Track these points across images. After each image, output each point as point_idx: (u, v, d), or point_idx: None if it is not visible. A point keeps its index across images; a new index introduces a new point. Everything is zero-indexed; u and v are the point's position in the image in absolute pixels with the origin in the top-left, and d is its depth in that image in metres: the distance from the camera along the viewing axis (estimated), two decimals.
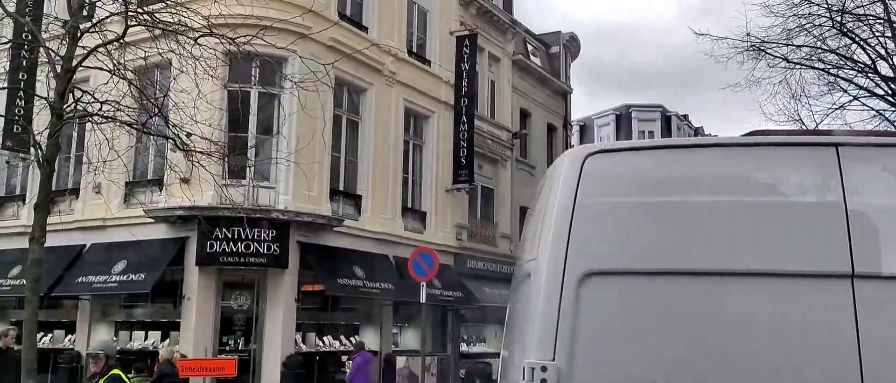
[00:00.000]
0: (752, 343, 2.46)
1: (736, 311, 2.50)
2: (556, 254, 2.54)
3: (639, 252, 2.59)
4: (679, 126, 42.91)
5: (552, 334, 2.45)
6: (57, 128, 10.06)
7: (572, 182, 2.63)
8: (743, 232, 2.57)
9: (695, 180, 2.70)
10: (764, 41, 16.97)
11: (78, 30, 10.25)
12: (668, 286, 2.56)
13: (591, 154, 2.70)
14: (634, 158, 2.79)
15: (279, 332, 16.07)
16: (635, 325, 2.51)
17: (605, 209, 2.62)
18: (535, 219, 3.08)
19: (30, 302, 9.82)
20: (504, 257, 24.22)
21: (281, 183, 16.37)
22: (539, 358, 2.41)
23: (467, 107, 21.80)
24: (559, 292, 2.49)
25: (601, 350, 2.47)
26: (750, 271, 2.52)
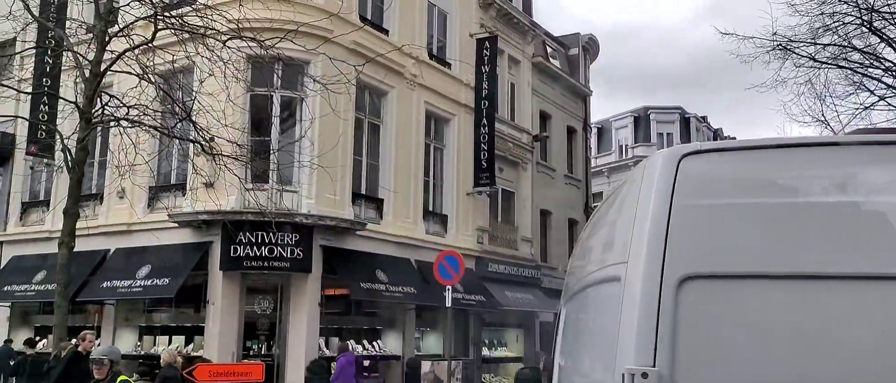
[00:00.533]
0: (860, 348, 2.35)
1: (843, 316, 2.39)
2: (653, 258, 2.44)
3: (740, 255, 2.48)
4: (698, 128, 42.55)
5: (652, 339, 2.37)
6: (86, 132, 10.07)
7: (668, 183, 2.52)
8: (851, 233, 2.45)
9: (799, 180, 2.58)
10: (790, 40, 16.76)
11: (106, 34, 10.25)
12: (771, 290, 2.41)
13: (686, 154, 2.59)
14: (733, 158, 2.68)
15: (303, 337, 16.00)
16: (738, 330, 2.42)
17: (703, 211, 2.52)
18: (619, 222, 2.97)
19: (59, 307, 9.84)
20: (525, 260, 24.08)
21: (304, 187, 16.32)
22: (639, 363, 2.34)
23: (488, 109, 21.69)
24: (657, 296, 2.40)
25: (702, 354, 2.39)
26: (859, 274, 2.40)
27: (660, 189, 2.53)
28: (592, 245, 3.60)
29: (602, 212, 3.60)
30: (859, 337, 2.36)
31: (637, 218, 2.59)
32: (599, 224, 3.55)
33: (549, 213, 26.47)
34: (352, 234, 17.20)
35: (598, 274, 3.11)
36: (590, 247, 3.68)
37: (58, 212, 17.34)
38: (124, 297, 16.28)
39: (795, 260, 2.44)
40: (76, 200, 10.19)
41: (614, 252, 2.88)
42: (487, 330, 22.59)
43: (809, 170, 2.60)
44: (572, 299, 3.97)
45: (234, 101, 12.60)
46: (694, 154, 2.60)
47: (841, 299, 2.41)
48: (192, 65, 12.18)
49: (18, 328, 18.93)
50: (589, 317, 3.40)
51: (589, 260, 3.56)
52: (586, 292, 3.40)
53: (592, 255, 3.50)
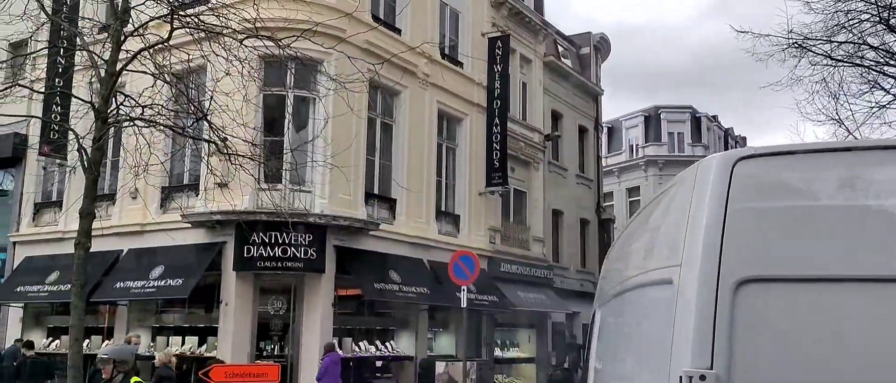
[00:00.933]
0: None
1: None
2: (709, 261, 2.45)
3: (798, 258, 2.47)
4: (709, 127, 42.30)
5: (709, 342, 2.38)
6: (102, 132, 10.01)
7: (722, 187, 2.53)
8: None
9: (856, 183, 2.58)
10: (806, 38, 16.61)
11: (121, 34, 10.19)
12: (830, 293, 2.43)
13: (741, 158, 2.60)
14: (788, 162, 2.66)
15: (316, 337, 15.93)
16: (795, 333, 2.41)
17: (759, 214, 2.52)
18: (667, 225, 2.98)
19: (76, 307, 9.77)
20: (537, 260, 23.96)
21: (317, 186, 16.25)
22: (696, 366, 2.35)
23: (500, 109, 21.59)
24: (714, 299, 2.41)
25: (760, 357, 2.40)
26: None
27: (714, 192, 2.53)
28: (634, 248, 3.60)
29: (644, 217, 3.59)
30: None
31: (690, 221, 2.59)
32: (642, 228, 3.54)
33: (561, 213, 26.35)
34: (365, 234, 17.13)
35: (642, 277, 3.12)
36: (630, 250, 3.69)
37: (71, 213, 17.37)
38: (138, 298, 16.26)
39: (853, 263, 2.43)
40: (92, 200, 10.13)
41: (663, 255, 2.89)
42: (499, 330, 22.49)
43: (866, 172, 2.58)
44: (609, 302, 3.95)
45: (248, 101, 12.57)
46: (748, 158, 2.60)
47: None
48: (205, 64, 12.14)
49: (31, 328, 18.94)
50: (632, 321, 3.40)
51: (630, 263, 3.56)
52: (627, 295, 3.40)
53: (634, 259, 3.51)
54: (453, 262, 14.23)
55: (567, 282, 26.20)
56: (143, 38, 10.39)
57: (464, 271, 13.93)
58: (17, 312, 18.92)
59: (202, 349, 16.30)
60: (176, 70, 11.16)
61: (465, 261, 14.01)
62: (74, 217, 17.50)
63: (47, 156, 18.06)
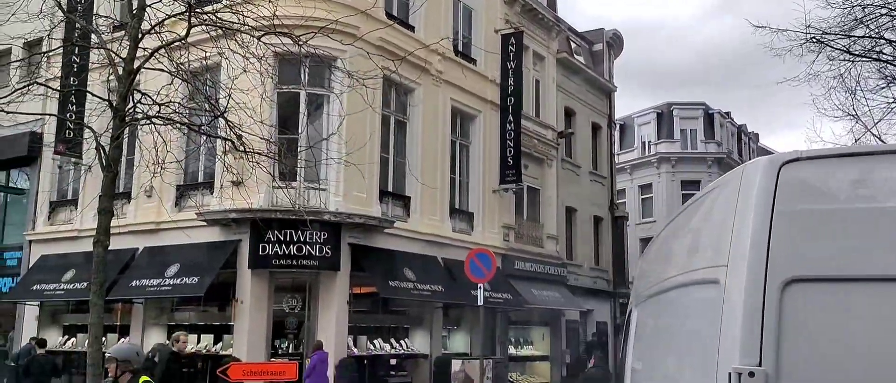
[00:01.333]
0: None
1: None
2: (756, 261, 2.53)
3: (844, 258, 2.54)
4: (722, 124, 42.03)
5: (757, 340, 2.45)
6: (119, 130, 9.99)
7: (769, 189, 2.62)
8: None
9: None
10: (824, 33, 16.44)
11: (139, 31, 10.17)
12: (876, 292, 2.49)
13: (787, 162, 2.68)
14: (833, 165, 2.74)
15: (332, 335, 15.91)
16: (842, 332, 2.47)
17: (806, 216, 2.60)
18: (710, 226, 3.08)
19: (95, 305, 9.75)
20: (551, 258, 23.87)
21: (331, 184, 16.22)
22: (745, 363, 2.44)
23: (514, 106, 21.50)
24: (762, 299, 2.50)
25: (807, 355, 2.47)
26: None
27: (761, 195, 2.61)
28: (674, 249, 3.70)
29: (685, 218, 3.66)
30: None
31: (736, 223, 2.67)
32: (682, 229, 3.62)
33: (575, 211, 26.25)
34: (379, 232, 17.09)
35: (684, 277, 3.20)
36: (670, 250, 3.77)
37: (86, 211, 17.42)
38: (154, 296, 16.28)
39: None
40: (111, 198, 10.10)
41: (707, 256, 2.95)
42: (513, 328, 22.43)
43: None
44: (647, 301, 4.00)
45: (265, 98, 12.53)
46: (794, 161, 2.67)
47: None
48: (220, 62, 12.09)
49: (47, 327, 19.01)
50: (673, 319, 3.48)
51: (670, 263, 3.64)
52: (668, 295, 3.50)
53: (675, 259, 3.60)
54: (469, 260, 14.16)
55: (581, 280, 26.10)
56: (159, 35, 10.38)
57: (480, 269, 13.86)
58: (32, 310, 18.99)
59: (218, 347, 16.32)
60: (192, 68, 11.15)
61: (481, 259, 13.94)
62: (90, 215, 17.62)
63: (63, 154, 18.11)
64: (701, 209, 3.31)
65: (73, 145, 17.40)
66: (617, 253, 29.14)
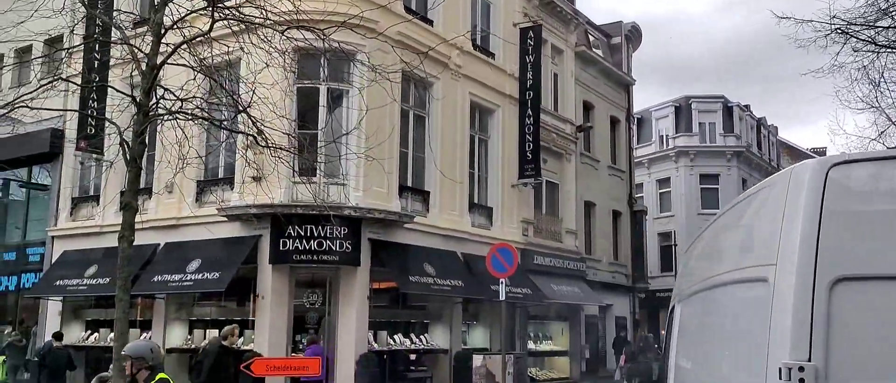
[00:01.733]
0: None
1: None
2: (806, 260, 2.63)
3: (893, 257, 2.62)
4: (741, 117, 41.61)
5: (807, 336, 2.56)
6: (143, 125, 10.00)
7: (817, 190, 2.71)
8: None
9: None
10: (850, 23, 16.21)
11: (162, 26, 10.17)
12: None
13: (835, 164, 2.77)
14: (880, 167, 2.83)
15: (352, 330, 15.91)
16: (891, 328, 2.57)
17: (853, 217, 2.70)
18: (759, 226, 3.20)
19: (121, 300, 9.78)
20: (570, 253, 23.76)
21: (351, 179, 16.17)
22: (795, 358, 2.54)
23: (533, 99, 21.38)
24: (811, 296, 2.59)
25: (855, 351, 2.57)
26: None
27: (809, 195, 2.70)
28: (720, 247, 3.84)
29: (731, 216, 3.77)
30: None
31: (785, 223, 2.76)
32: (729, 227, 3.74)
33: (593, 205, 26.11)
34: (399, 227, 17.05)
35: (732, 275, 3.31)
36: (716, 248, 3.91)
37: (108, 207, 17.53)
38: (175, 291, 16.34)
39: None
40: (135, 194, 10.12)
41: (755, 255, 3.08)
42: (532, 323, 22.35)
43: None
44: (691, 298, 4.12)
45: (287, 93, 12.51)
46: (842, 163, 2.77)
47: None
48: (240, 57, 12.08)
49: (70, 322, 19.13)
50: (720, 316, 3.57)
51: (716, 261, 3.78)
52: (714, 292, 3.62)
53: (721, 257, 3.74)
54: (491, 255, 14.09)
55: (599, 275, 25.97)
56: (181, 31, 10.38)
57: (502, 264, 13.79)
58: (55, 306, 19.13)
59: (239, 342, 16.33)
60: (214, 63, 11.15)
61: (503, 254, 13.86)
62: (112, 211, 17.74)
63: (84, 151, 18.20)
64: (748, 209, 3.41)
65: (95, 142, 17.49)
66: (636, 247, 28.96)
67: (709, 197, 39.59)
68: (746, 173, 41.06)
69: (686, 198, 39.41)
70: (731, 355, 3.28)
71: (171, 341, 16.90)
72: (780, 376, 2.52)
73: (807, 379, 2.49)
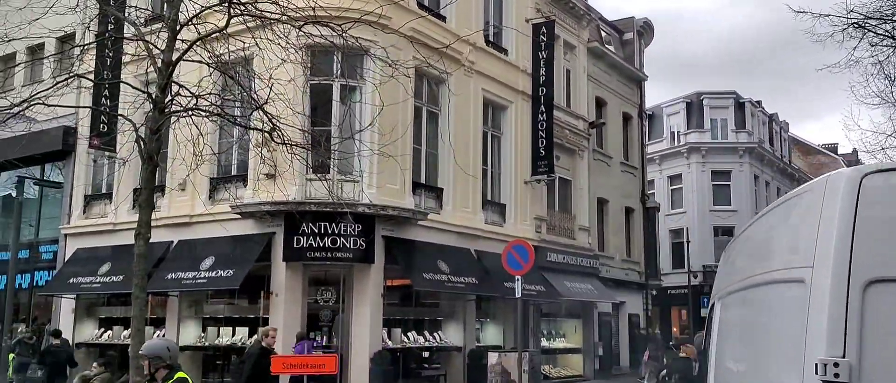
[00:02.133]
0: None
1: None
2: (840, 263, 2.79)
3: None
4: (753, 113, 41.31)
5: (841, 334, 2.71)
6: (159, 122, 9.93)
7: (852, 198, 2.88)
8: None
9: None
10: (867, 17, 16.02)
11: (177, 22, 10.10)
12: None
13: (868, 173, 2.95)
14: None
15: (366, 328, 15.84)
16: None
17: (886, 222, 2.85)
18: (796, 230, 3.40)
19: (137, 298, 9.72)
20: (583, 250, 23.63)
21: (364, 176, 16.09)
22: (830, 354, 2.69)
23: (546, 96, 21.24)
24: (845, 297, 2.75)
25: (888, 348, 2.71)
26: None
27: (845, 203, 2.87)
28: (759, 248, 4.04)
29: (769, 218, 3.97)
30: None
31: (821, 228, 2.94)
32: (767, 229, 3.95)
33: (606, 202, 25.96)
34: (413, 224, 16.97)
35: (770, 275, 3.50)
36: (755, 248, 4.12)
37: (122, 205, 17.52)
38: (189, 289, 16.32)
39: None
40: (151, 191, 10.07)
41: (793, 257, 3.27)
42: (545, 320, 22.24)
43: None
44: (731, 296, 4.31)
45: (296, 91, 12.39)
46: (875, 173, 2.94)
47: None
48: (255, 53, 12.02)
49: (83, 320, 19.16)
50: (759, 314, 3.77)
51: (755, 261, 3.99)
52: (753, 291, 3.83)
53: (760, 257, 3.94)
54: (507, 252, 13.98)
55: (612, 272, 25.82)
56: (196, 27, 10.30)
57: (517, 261, 13.67)
58: (68, 304, 19.13)
59: (252, 340, 16.29)
60: (227, 59, 11.08)
61: (518, 251, 13.75)
62: (125, 209, 17.71)
63: (97, 149, 18.17)
64: (786, 212, 3.62)
65: (108, 139, 17.45)
66: (648, 244, 28.79)
67: (721, 193, 39.36)
68: (758, 170, 40.79)
69: (698, 194, 39.18)
70: (770, 351, 3.44)
71: (185, 339, 16.87)
72: (816, 371, 2.68)
73: (841, 374, 2.64)
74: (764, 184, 41.65)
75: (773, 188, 42.99)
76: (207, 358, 16.97)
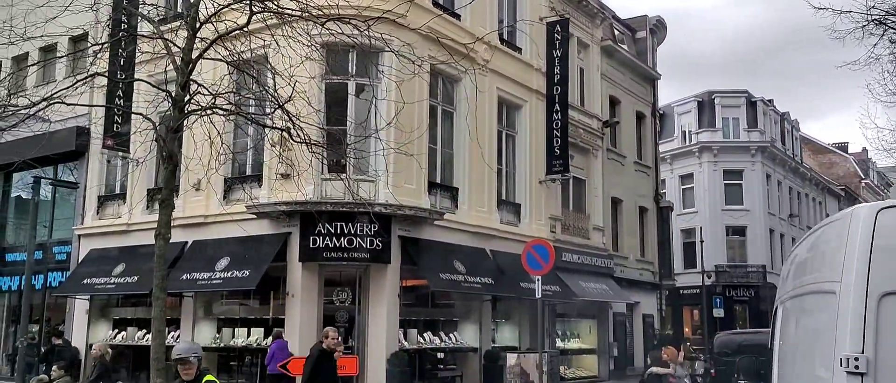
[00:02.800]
0: None
1: None
2: (860, 280, 3.58)
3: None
4: (765, 111, 41.02)
5: (861, 334, 3.49)
6: (179, 121, 9.82)
7: (869, 229, 3.65)
8: None
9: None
10: (888, 14, 15.82)
11: (197, 20, 9.98)
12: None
13: (882, 209, 3.69)
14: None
15: (383, 329, 15.70)
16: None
17: None
18: (829, 252, 4.17)
19: (158, 299, 9.61)
20: (597, 250, 23.45)
21: (381, 176, 15.96)
22: (853, 351, 3.48)
23: (560, 94, 21.07)
24: (864, 306, 3.53)
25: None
26: None
27: (863, 232, 3.65)
28: (806, 263, 4.85)
29: (812, 240, 4.81)
30: None
31: (847, 251, 3.73)
32: (810, 248, 4.81)
33: (620, 201, 25.77)
34: (429, 224, 16.83)
35: (813, 286, 4.29)
36: (803, 263, 4.93)
37: (136, 205, 17.42)
38: (204, 289, 16.21)
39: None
40: (171, 191, 9.96)
41: (827, 273, 4.04)
42: (559, 321, 22.07)
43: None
44: (788, 301, 5.16)
45: (320, 87, 12.28)
46: (888, 208, 3.69)
47: None
48: (272, 51, 11.91)
49: (97, 321, 19.08)
50: (805, 316, 4.63)
51: (804, 274, 4.78)
52: (802, 298, 4.64)
53: (805, 272, 4.76)
54: (526, 252, 13.80)
55: (627, 272, 25.64)
56: (214, 25, 10.18)
57: (538, 261, 13.50)
58: (82, 305, 19.05)
59: (268, 341, 16.17)
60: (246, 58, 10.96)
61: (538, 251, 13.57)
62: (139, 209, 17.61)
63: (111, 149, 18.10)
64: (822, 236, 4.46)
65: (122, 140, 17.37)
66: (662, 244, 28.58)
67: (733, 193, 39.11)
68: (771, 169, 40.52)
69: (709, 194, 38.95)
70: (812, 346, 4.27)
71: (199, 339, 16.72)
72: (840, 364, 3.48)
73: (861, 366, 3.43)
74: (776, 183, 41.37)
75: (784, 187, 42.71)
76: (222, 359, 16.84)
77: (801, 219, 44.26)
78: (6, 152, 17.06)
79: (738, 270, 38.07)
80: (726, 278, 37.69)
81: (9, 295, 21.94)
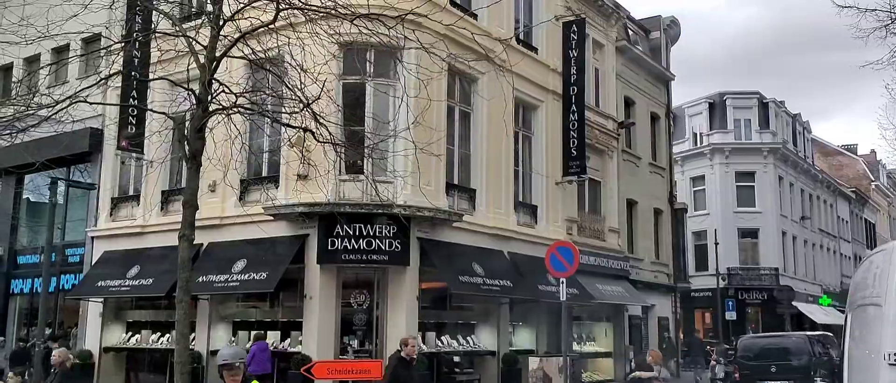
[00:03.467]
0: None
1: None
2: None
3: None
4: (777, 113, 40.75)
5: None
6: (203, 120, 9.64)
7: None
8: None
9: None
10: None
11: (220, 18, 9.81)
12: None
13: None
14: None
15: (401, 332, 15.40)
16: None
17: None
18: (879, 275, 5.48)
19: (181, 301, 9.45)
20: (614, 252, 23.22)
21: (399, 177, 15.74)
22: (894, 349, 4.81)
23: (577, 95, 20.86)
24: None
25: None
26: None
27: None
28: (862, 281, 6.18)
29: (867, 262, 6.30)
30: None
31: (890, 274, 5.10)
32: (865, 269, 6.19)
33: (635, 203, 25.54)
34: (447, 226, 16.62)
35: (869, 300, 5.58)
36: (862, 280, 6.20)
37: (150, 207, 17.24)
38: (221, 292, 16.02)
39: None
40: (195, 191, 9.77)
41: (876, 290, 5.39)
42: (575, 324, 21.81)
43: None
44: (853, 311, 6.49)
45: (331, 89, 12.02)
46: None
47: None
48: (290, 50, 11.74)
49: (111, 323, 18.89)
50: (864, 323, 5.82)
51: (861, 289, 6.12)
52: (862, 309, 5.88)
53: (863, 287, 6.08)
54: (550, 254, 13.59)
55: (642, 274, 25.40)
56: (237, 23, 10.01)
57: (562, 263, 13.29)
58: (96, 307, 18.88)
59: (286, 343, 16.00)
60: (270, 56, 10.79)
61: (563, 253, 13.37)
62: (154, 210, 17.43)
63: (126, 150, 17.94)
64: (874, 261, 5.74)
65: (136, 141, 17.20)
66: (676, 246, 28.32)
67: (745, 195, 38.85)
68: (783, 171, 40.25)
69: (721, 196, 38.70)
70: (868, 345, 5.41)
71: (215, 343, 16.56)
72: (885, 358, 4.63)
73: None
74: (788, 185, 41.09)
75: (797, 189, 42.41)
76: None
77: (812, 222, 43.95)
78: (19, 154, 16.92)
79: (751, 273, 37.80)
80: (738, 280, 37.41)
81: (19, 297, 21.81)
